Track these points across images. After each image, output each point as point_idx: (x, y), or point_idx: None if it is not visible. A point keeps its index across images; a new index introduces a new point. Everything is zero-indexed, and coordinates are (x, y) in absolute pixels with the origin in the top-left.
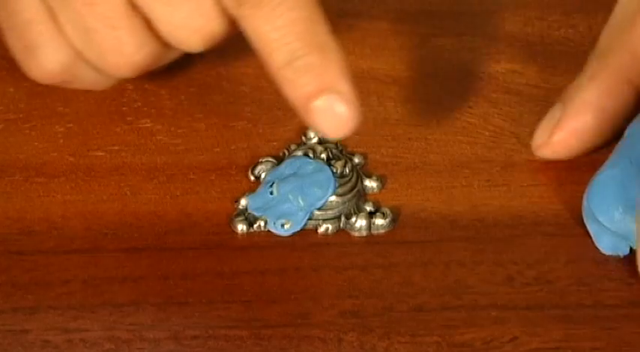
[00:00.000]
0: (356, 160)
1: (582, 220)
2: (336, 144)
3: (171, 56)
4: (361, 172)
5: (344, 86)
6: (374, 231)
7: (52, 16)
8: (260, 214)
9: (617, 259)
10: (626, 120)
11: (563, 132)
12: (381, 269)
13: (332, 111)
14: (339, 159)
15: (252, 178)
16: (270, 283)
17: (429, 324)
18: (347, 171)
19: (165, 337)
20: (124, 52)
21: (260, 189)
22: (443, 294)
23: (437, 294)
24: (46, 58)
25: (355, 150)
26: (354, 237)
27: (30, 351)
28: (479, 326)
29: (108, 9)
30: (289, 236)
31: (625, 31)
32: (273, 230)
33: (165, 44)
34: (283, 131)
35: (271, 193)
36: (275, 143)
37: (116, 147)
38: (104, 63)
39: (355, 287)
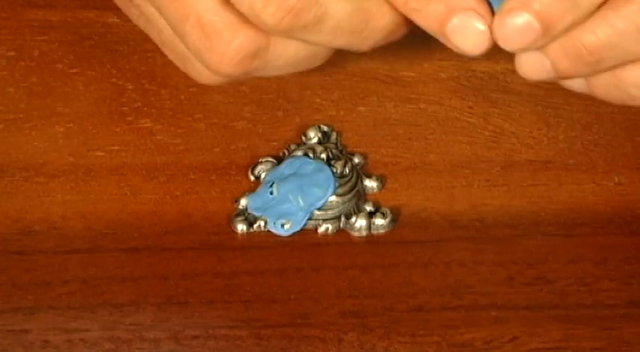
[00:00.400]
0: (356, 160)
1: (582, 220)
2: (336, 144)
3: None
4: (361, 172)
5: (471, 1)
6: (374, 231)
7: None
8: (260, 214)
9: (617, 259)
10: None
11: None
12: (381, 269)
13: (468, 28)
14: (339, 159)
15: (252, 178)
16: (270, 283)
17: (429, 324)
18: (347, 171)
19: (166, 337)
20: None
21: (260, 189)
22: (443, 294)
23: (437, 294)
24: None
25: (355, 150)
26: (354, 237)
27: (30, 351)
28: (479, 326)
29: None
30: (289, 236)
31: None
32: (273, 230)
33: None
34: (283, 131)
35: (271, 193)
36: (275, 143)
37: (116, 147)
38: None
39: (355, 287)
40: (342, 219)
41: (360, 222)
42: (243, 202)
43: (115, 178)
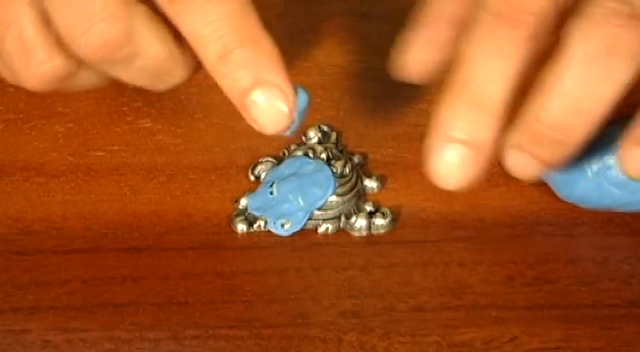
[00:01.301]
0: (356, 160)
1: (582, 220)
2: (335, 144)
3: (88, 79)
4: (361, 172)
5: (278, 78)
6: (374, 231)
7: None
8: (260, 214)
9: (617, 259)
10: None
11: (418, 46)
12: (381, 269)
13: (268, 105)
14: (339, 159)
15: (252, 178)
16: (270, 283)
17: (429, 324)
18: (347, 171)
19: (166, 337)
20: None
21: (260, 189)
22: (443, 294)
23: (437, 294)
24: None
25: (355, 150)
26: (354, 237)
27: (30, 351)
28: (479, 326)
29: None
30: (289, 236)
31: None
32: (273, 230)
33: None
34: None
35: (271, 193)
36: (275, 143)
37: (116, 147)
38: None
39: (355, 287)
40: (342, 219)
41: (360, 222)
42: (243, 202)
43: (115, 178)
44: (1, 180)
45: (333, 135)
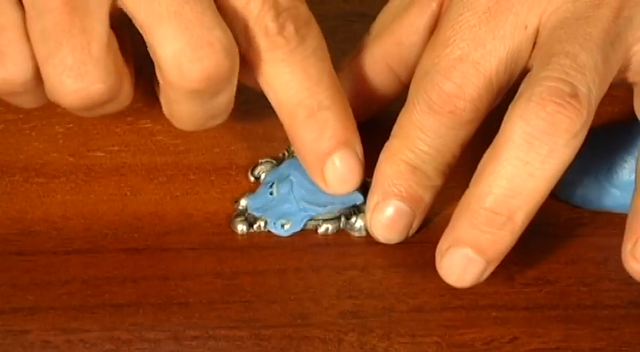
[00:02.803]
0: None
1: (582, 220)
2: None
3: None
4: None
5: (358, 143)
6: None
7: None
8: (260, 214)
9: (617, 259)
10: (384, 104)
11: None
12: (381, 269)
13: (344, 168)
14: None
15: (252, 179)
16: (270, 283)
17: (429, 324)
18: None
19: (166, 337)
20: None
21: (260, 190)
22: (443, 294)
23: (437, 294)
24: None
25: None
26: (354, 237)
27: (30, 351)
28: (479, 327)
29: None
30: (289, 236)
31: (395, 20)
32: (273, 230)
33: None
34: (283, 132)
35: (271, 194)
36: (275, 143)
37: (116, 148)
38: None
39: (355, 288)
40: (342, 219)
41: (360, 222)
42: (243, 202)
43: (115, 178)
44: (1, 181)
45: None
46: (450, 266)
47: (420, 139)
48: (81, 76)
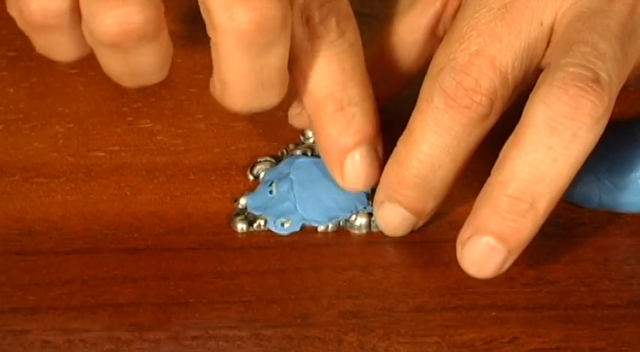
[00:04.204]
0: None
1: (582, 220)
2: None
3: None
4: None
5: (380, 143)
6: (374, 229)
7: None
8: (260, 213)
9: (617, 259)
10: (383, 102)
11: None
12: (381, 269)
13: (363, 164)
14: None
15: (251, 178)
16: (270, 283)
17: (429, 324)
18: None
19: (166, 337)
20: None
21: (259, 189)
22: (443, 294)
23: (437, 294)
24: None
25: None
26: (354, 236)
27: (30, 351)
28: (479, 327)
29: None
30: (289, 236)
31: (398, 17)
32: (273, 229)
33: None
34: (282, 131)
35: (270, 192)
36: (275, 143)
37: (116, 148)
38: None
39: (355, 288)
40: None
41: (359, 221)
42: (242, 201)
43: (115, 178)
44: (1, 181)
45: None
46: (472, 255)
47: (431, 142)
48: (121, 0)
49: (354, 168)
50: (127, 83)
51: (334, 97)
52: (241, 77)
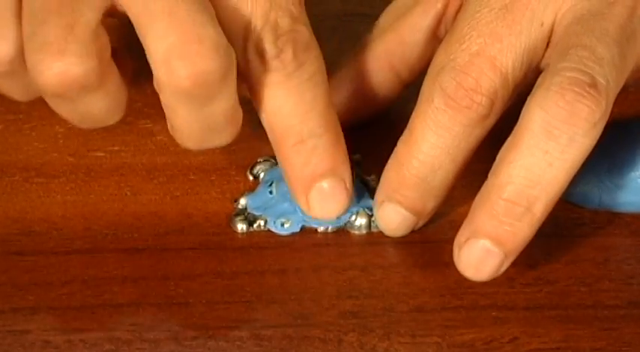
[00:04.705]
0: (355, 159)
1: (582, 220)
2: None
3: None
4: (360, 171)
5: (347, 172)
6: (374, 230)
7: None
8: (260, 213)
9: (617, 259)
10: (383, 104)
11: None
12: (381, 269)
13: (331, 197)
14: None
15: (251, 178)
16: (270, 283)
17: (429, 324)
18: None
19: (166, 337)
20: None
21: (259, 189)
22: (443, 294)
23: (437, 294)
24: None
25: (355, 149)
26: (354, 236)
27: (30, 351)
28: (479, 327)
29: None
30: (289, 236)
31: (400, 18)
32: (272, 229)
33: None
34: None
35: (270, 193)
36: None
37: (116, 148)
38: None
39: (355, 288)
40: None
41: (360, 221)
42: (242, 202)
43: (115, 178)
44: (2, 181)
45: None
46: (468, 258)
47: (431, 143)
48: (60, 52)
49: (319, 198)
50: (81, 125)
51: (294, 130)
52: (187, 125)
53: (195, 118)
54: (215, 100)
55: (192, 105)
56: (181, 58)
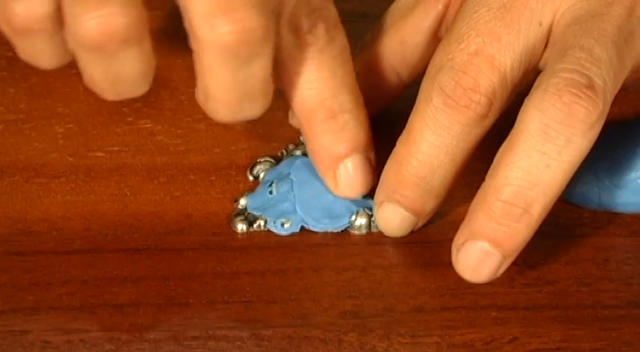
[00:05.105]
0: None
1: (582, 220)
2: None
3: None
4: None
5: (372, 150)
6: (374, 230)
7: None
8: (260, 213)
9: (617, 259)
10: (383, 103)
11: None
12: (381, 269)
13: (356, 172)
14: None
15: (251, 178)
16: (270, 283)
17: (429, 324)
18: None
19: (166, 337)
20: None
21: (259, 189)
22: (443, 294)
23: (437, 294)
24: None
25: None
26: (354, 236)
27: (30, 351)
28: (479, 327)
29: None
30: (289, 236)
31: (401, 19)
32: (273, 229)
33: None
34: (282, 131)
35: (270, 193)
36: (275, 143)
37: (116, 148)
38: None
39: (355, 288)
40: None
41: (360, 221)
42: (242, 202)
43: (115, 179)
44: (2, 181)
45: None
46: (467, 260)
47: (430, 142)
48: (102, 2)
49: (346, 176)
50: (109, 93)
51: (325, 105)
52: (224, 89)
53: (234, 81)
54: (255, 61)
55: (233, 65)
56: (225, 13)
